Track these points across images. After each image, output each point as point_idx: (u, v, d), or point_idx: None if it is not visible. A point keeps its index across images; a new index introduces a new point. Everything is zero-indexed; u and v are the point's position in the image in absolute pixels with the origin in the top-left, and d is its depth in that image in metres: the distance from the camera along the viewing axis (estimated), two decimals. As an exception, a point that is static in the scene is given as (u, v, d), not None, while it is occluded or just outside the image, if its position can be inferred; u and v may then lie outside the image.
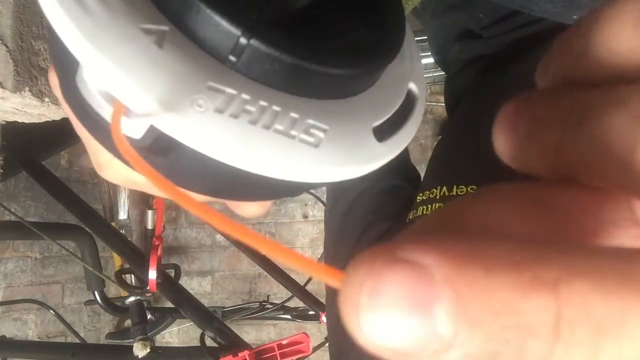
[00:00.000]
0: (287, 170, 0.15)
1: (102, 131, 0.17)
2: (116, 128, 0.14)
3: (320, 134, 0.16)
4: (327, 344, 1.18)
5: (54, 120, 0.59)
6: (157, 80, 0.14)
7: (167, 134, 0.15)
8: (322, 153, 0.15)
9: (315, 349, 0.97)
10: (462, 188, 0.37)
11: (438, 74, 1.82)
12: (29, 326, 1.91)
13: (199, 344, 0.94)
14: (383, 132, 0.17)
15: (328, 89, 0.16)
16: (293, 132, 0.15)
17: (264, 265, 1.41)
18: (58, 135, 1.21)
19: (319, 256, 1.40)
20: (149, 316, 1.31)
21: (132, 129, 0.16)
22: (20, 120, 0.58)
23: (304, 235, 2.27)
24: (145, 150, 0.16)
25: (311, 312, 1.33)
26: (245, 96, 0.15)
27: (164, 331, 1.47)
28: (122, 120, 0.15)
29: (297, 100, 0.16)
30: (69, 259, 2.03)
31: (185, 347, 1.15)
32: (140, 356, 0.97)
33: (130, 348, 0.99)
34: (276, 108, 0.15)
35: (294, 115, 0.15)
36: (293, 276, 1.39)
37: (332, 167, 0.16)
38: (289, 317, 1.39)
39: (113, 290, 2.04)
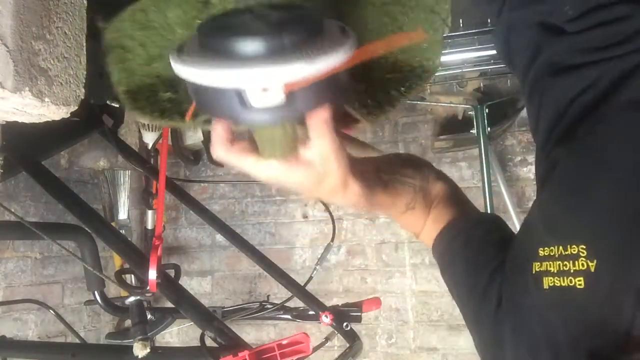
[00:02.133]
0: None
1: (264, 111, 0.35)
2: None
3: None
4: (327, 344, 1.17)
5: (54, 120, 0.59)
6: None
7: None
8: None
9: (315, 349, 0.97)
10: (574, 248, 0.39)
11: (439, 73, 1.74)
12: (29, 326, 1.91)
13: (199, 344, 0.94)
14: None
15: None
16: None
17: (264, 265, 1.41)
18: (58, 135, 1.21)
19: (319, 256, 1.40)
20: (149, 316, 1.31)
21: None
22: (20, 120, 0.58)
23: (304, 236, 2.27)
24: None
25: (311, 312, 1.33)
26: None
27: (164, 331, 1.47)
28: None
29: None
30: (69, 259, 2.03)
31: (185, 347, 1.15)
32: (140, 356, 0.97)
33: (130, 348, 0.99)
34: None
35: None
36: (293, 276, 1.39)
37: None
38: (289, 317, 1.39)
39: (113, 290, 2.04)
